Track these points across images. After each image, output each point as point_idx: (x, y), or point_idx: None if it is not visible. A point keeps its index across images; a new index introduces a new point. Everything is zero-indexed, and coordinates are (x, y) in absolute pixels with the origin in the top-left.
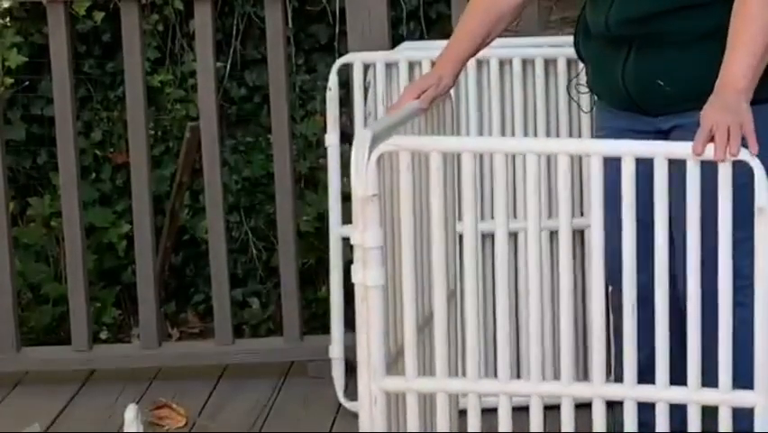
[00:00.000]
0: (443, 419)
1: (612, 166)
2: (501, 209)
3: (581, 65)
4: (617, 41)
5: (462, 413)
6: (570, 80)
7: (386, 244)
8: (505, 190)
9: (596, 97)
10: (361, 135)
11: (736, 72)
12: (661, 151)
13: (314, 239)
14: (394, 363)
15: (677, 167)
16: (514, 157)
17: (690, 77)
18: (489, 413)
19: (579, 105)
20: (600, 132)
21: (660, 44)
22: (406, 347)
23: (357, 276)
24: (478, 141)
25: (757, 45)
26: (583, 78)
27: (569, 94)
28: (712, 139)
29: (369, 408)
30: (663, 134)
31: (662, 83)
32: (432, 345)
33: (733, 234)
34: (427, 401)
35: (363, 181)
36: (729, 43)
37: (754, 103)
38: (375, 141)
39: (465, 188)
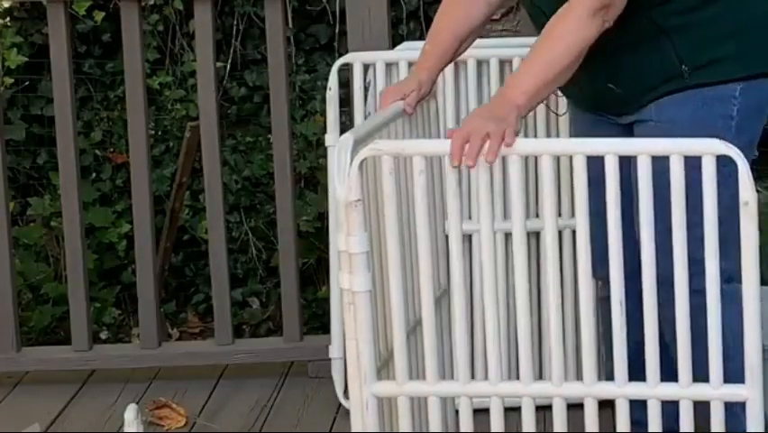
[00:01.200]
0: (435, 422)
1: (594, 162)
2: (486, 210)
3: None
4: None
5: (459, 412)
6: None
7: (372, 248)
8: (488, 191)
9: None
10: (343, 140)
11: (519, 87)
12: (642, 148)
13: (314, 239)
14: (385, 367)
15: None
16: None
17: (637, 77)
18: (485, 412)
19: (551, 109)
20: (573, 125)
21: (604, 51)
22: (395, 352)
23: (344, 282)
24: None
25: (551, 70)
26: None
27: None
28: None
29: (360, 413)
30: (628, 130)
31: (612, 86)
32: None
33: (687, 220)
34: (420, 403)
35: (346, 187)
36: (528, 55)
37: (742, 79)
38: (357, 145)
39: (449, 191)
